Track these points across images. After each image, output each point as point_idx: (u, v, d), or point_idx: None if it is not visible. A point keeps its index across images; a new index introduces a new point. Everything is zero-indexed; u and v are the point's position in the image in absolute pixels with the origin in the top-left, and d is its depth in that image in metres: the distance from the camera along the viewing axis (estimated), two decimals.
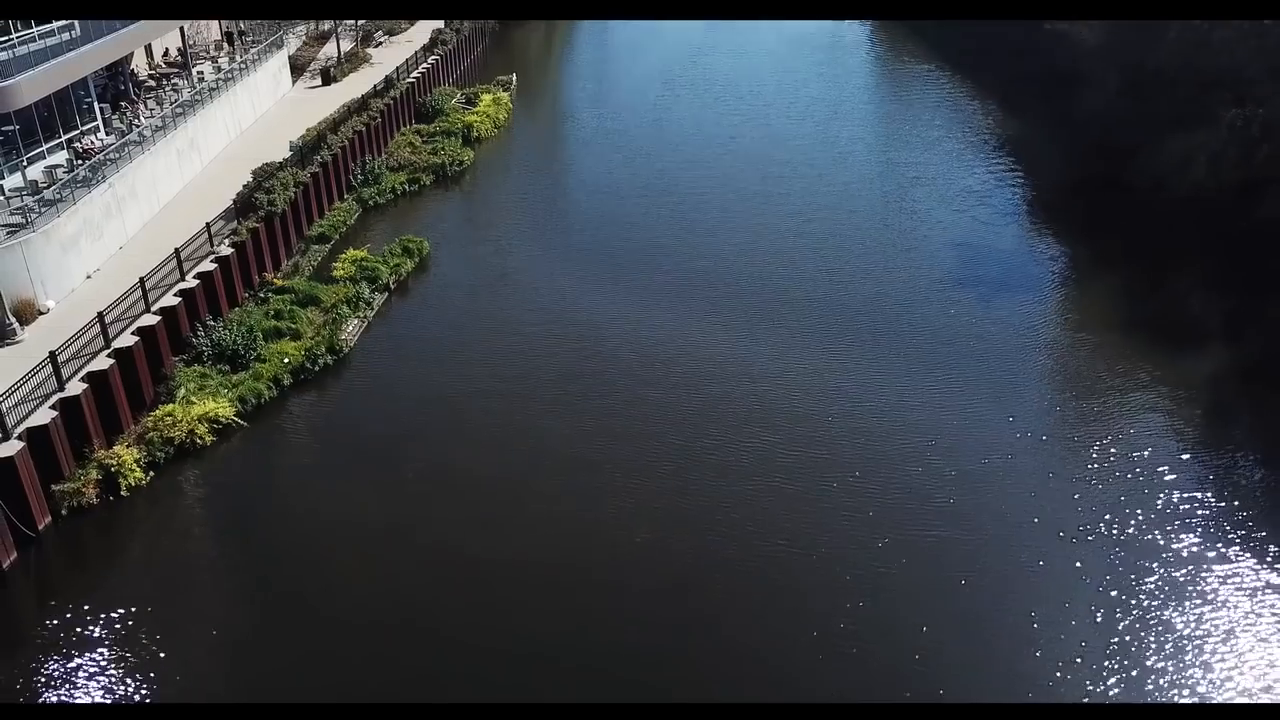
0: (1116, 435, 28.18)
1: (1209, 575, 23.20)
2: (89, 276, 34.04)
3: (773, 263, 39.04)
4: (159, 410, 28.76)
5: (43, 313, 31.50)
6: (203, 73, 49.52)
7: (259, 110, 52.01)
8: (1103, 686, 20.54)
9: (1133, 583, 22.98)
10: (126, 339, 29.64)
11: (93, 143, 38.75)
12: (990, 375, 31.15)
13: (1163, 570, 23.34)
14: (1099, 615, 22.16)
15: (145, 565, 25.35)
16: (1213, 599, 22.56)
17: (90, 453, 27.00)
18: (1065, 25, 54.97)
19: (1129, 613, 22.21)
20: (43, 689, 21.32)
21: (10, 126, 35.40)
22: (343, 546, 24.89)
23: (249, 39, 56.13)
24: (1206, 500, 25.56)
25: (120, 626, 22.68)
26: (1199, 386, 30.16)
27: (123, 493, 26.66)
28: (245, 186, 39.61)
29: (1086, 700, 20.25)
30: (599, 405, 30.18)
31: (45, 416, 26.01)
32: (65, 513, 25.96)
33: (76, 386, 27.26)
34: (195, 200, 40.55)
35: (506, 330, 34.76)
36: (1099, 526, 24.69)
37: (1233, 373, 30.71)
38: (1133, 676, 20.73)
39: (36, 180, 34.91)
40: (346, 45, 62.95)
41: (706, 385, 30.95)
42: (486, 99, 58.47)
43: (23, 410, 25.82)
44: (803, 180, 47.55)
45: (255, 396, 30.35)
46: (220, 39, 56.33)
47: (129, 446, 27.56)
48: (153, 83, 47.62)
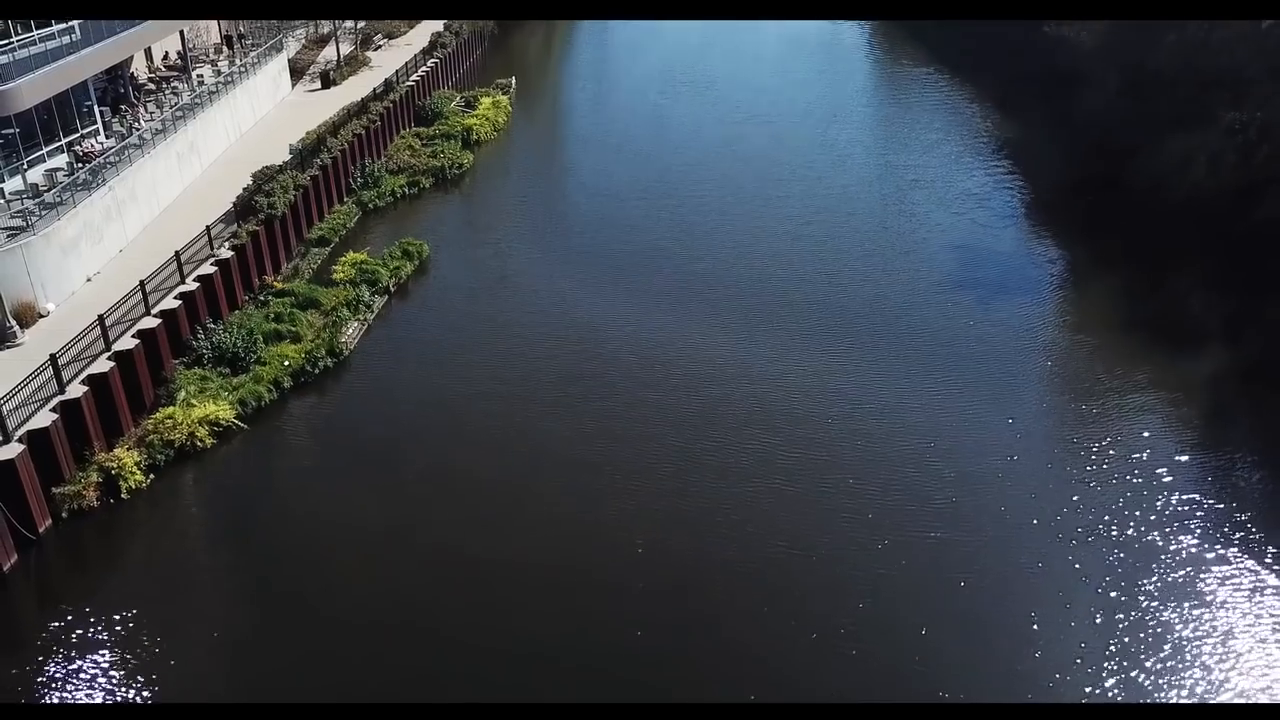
0: (1116, 436, 28.19)
1: (1208, 576, 23.20)
2: (89, 279, 34.10)
3: (772, 265, 39.06)
4: (159, 413, 28.80)
5: (43, 315, 31.56)
6: (202, 76, 49.58)
7: (259, 113, 52.10)
8: (1102, 686, 20.54)
9: (1132, 583, 22.98)
10: (127, 342, 29.71)
11: (93, 146, 38.76)
12: (990, 377, 31.15)
13: (1162, 571, 23.35)
14: (1098, 616, 22.17)
15: (145, 567, 25.39)
16: (1212, 600, 22.56)
17: (91, 455, 27.04)
18: (1065, 26, 55.01)
19: (1128, 613, 22.22)
20: (44, 690, 21.34)
21: (10, 130, 35.42)
22: (343, 547, 24.92)
23: (248, 42, 56.20)
24: (1206, 501, 25.56)
25: (120, 628, 22.71)
26: (1198, 387, 30.14)
27: (123, 495, 26.71)
28: (245, 190, 39.64)
29: (1086, 700, 20.26)
30: (599, 407, 30.20)
31: (46, 419, 26.06)
32: (66, 515, 26.00)
33: (77, 389, 27.31)
34: (195, 203, 40.63)
35: (506, 333, 34.79)
36: (1098, 527, 24.70)
37: (1232, 373, 30.66)
38: (1132, 676, 20.74)
39: (37, 183, 34.97)
40: (346, 49, 63.04)
41: (706, 387, 30.97)
42: (486, 102, 58.54)
43: (23, 413, 25.87)
44: (802, 183, 47.55)
45: (255, 399, 30.39)
46: (220, 42, 56.39)
47: (129, 449, 27.59)
48: (152, 86, 47.63)
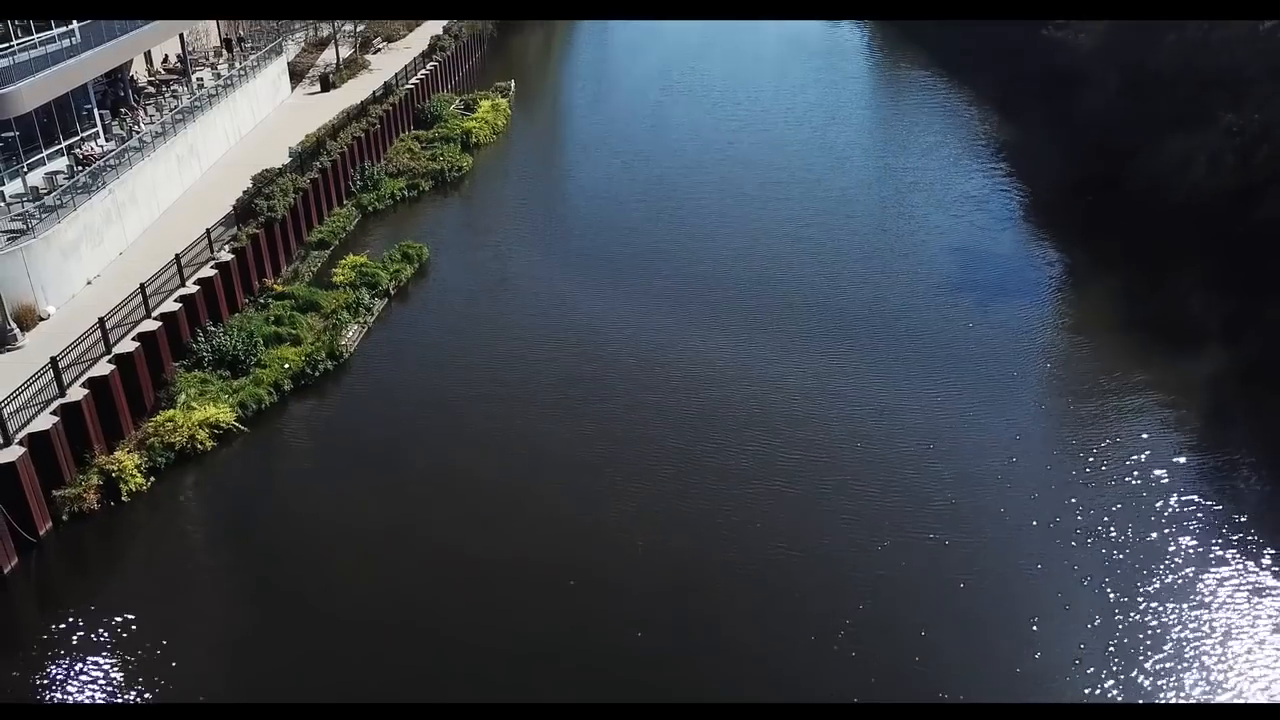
0: (1115, 437, 28.20)
1: (1208, 576, 23.21)
2: (89, 282, 34.14)
3: (771, 267, 39.09)
4: (160, 415, 28.83)
5: (43, 318, 31.59)
6: (202, 79, 49.67)
7: (258, 116, 52.16)
8: (1102, 686, 20.55)
9: (1132, 584, 23.00)
10: (127, 345, 29.73)
11: (93, 149, 38.82)
12: (989, 378, 31.17)
13: (1162, 572, 23.37)
14: (1098, 616, 22.18)
15: (146, 568, 25.41)
16: (1211, 600, 22.58)
17: (91, 458, 27.06)
18: (1064, 27, 55.07)
19: (1128, 614, 22.23)
20: (44, 691, 21.37)
21: (11, 133, 35.49)
22: (343, 548, 24.95)
23: (248, 45, 56.29)
24: (1205, 502, 25.57)
25: (121, 629, 22.73)
26: (1198, 388, 30.16)
27: (123, 498, 26.74)
28: (245, 192, 39.66)
29: (1086, 700, 20.27)
30: (599, 409, 30.23)
31: (46, 422, 26.09)
32: (66, 518, 26.02)
33: (77, 392, 27.34)
34: (195, 206, 40.66)
35: (506, 335, 34.81)
36: (1098, 529, 24.71)
37: (1231, 374, 30.67)
38: (1132, 677, 20.75)
39: (37, 186, 35.04)
40: (345, 52, 63.12)
41: (706, 389, 30.99)
42: (485, 105, 58.58)
43: (24, 416, 25.90)
44: (801, 185, 47.57)
45: (256, 402, 30.41)
46: (219, 45, 56.47)
47: (130, 452, 27.61)
48: (152, 89, 47.73)
